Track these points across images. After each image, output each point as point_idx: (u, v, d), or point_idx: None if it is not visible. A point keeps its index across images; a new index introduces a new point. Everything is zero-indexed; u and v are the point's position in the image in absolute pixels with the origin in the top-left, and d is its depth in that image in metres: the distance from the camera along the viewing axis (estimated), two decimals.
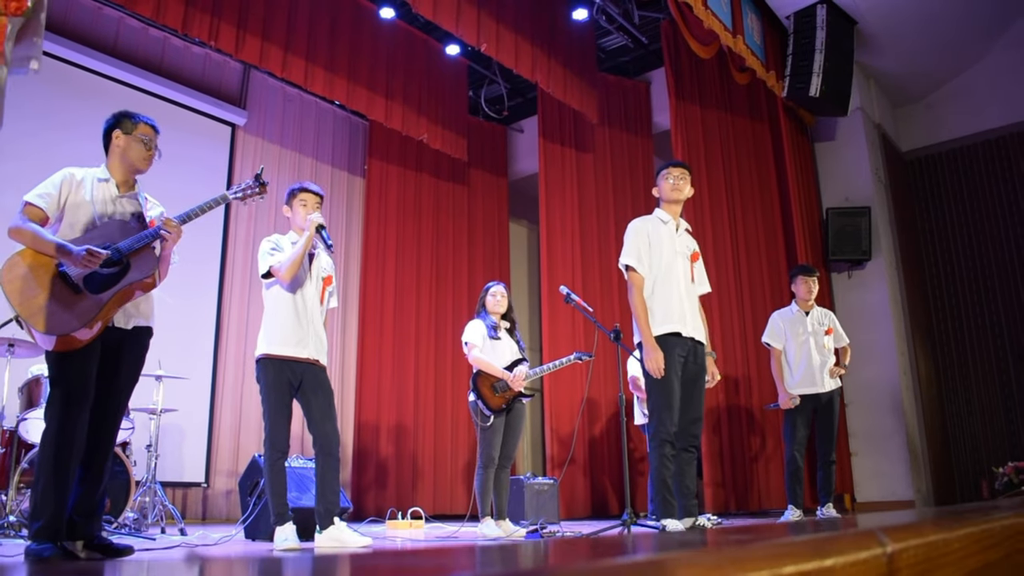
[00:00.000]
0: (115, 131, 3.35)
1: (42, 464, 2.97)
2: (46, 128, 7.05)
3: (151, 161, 3.41)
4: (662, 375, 4.00)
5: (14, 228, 3.05)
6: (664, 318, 4.14)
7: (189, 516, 7.74)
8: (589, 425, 8.86)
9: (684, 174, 4.42)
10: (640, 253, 4.25)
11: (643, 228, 4.33)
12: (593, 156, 9.68)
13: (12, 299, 2.92)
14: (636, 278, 4.22)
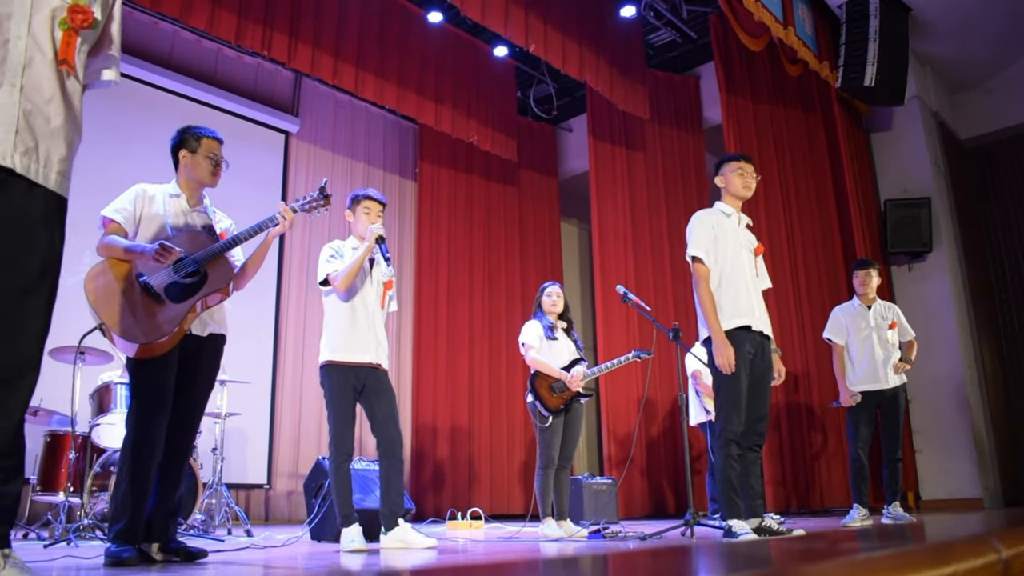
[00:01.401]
0: (182, 150, 3.44)
1: (123, 469, 3.07)
2: (107, 141, 7.23)
3: (219, 175, 3.50)
4: (733, 371, 3.93)
5: (100, 245, 3.18)
6: (733, 312, 4.06)
7: (252, 517, 7.88)
8: (645, 424, 8.82)
9: (755, 172, 4.34)
10: (707, 245, 4.16)
11: (708, 220, 4.24)
12: (643, 153, 9.62)
13: (96, 308, 3.02)
14: (702, 270, 4.13)
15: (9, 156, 1.88)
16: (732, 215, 4.31)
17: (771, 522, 3.93)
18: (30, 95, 1.94)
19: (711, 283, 4.12)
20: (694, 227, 4.24)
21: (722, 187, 4.39)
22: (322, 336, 4.22)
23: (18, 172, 1.90)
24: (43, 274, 1.94)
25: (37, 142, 1.95)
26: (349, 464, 4.05)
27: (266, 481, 8.08)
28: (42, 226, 1.96)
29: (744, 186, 4.30)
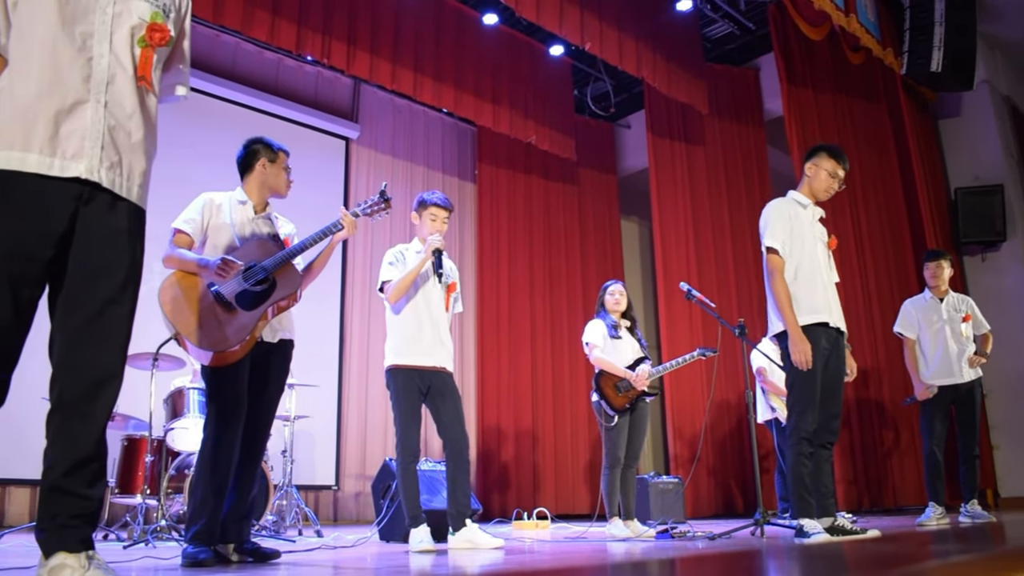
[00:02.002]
0: (260, 159, 3.51)
1: (200, 473, 3.15)
2: (175, 152, 7.41)
3: (290, 187, 3.58)
4: (810, 367, 3.83)
5: (167, 256, 3.27)
6: (810, 307, 3.94)
7: (321, 518, 8.00)
8: (711, 422, 8.72)
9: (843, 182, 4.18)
10: (783, 236, 4.01)
11: (785, 210, 4.08)
12: (704, 148, 9.52)
13: (172, 318, 3.11)
14: (778, 262, 3.99)
15: (96, 171, 1.95)
16: (808, 207, 4.17)
17: (844, 521, 3.84)
18: (113, 111, 2.01)
19: (786, 275, 3.99)
20: (771, 217, 4.08)
21: (808, 176, 4.19)
22: (387, 340, 4.25)
23: (104, 186, 1.97)
24: (126, 285, 2.01)
25: (120, 156, 2.01)
26: (416, 465, 4.08)
27: (334, 482, 8.21)
28: (126, 238, 2.02)
29: (828, 189, 4.15)
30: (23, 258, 1.87)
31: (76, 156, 1.93)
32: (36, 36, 1.95)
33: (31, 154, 1.89)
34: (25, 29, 1.96)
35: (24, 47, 1.95)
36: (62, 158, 1.92)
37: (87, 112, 1.96)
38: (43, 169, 1.90)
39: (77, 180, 1.93)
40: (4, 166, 1.88)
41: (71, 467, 1.88)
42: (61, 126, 1.92)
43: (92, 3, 2.02)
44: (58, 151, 1.91)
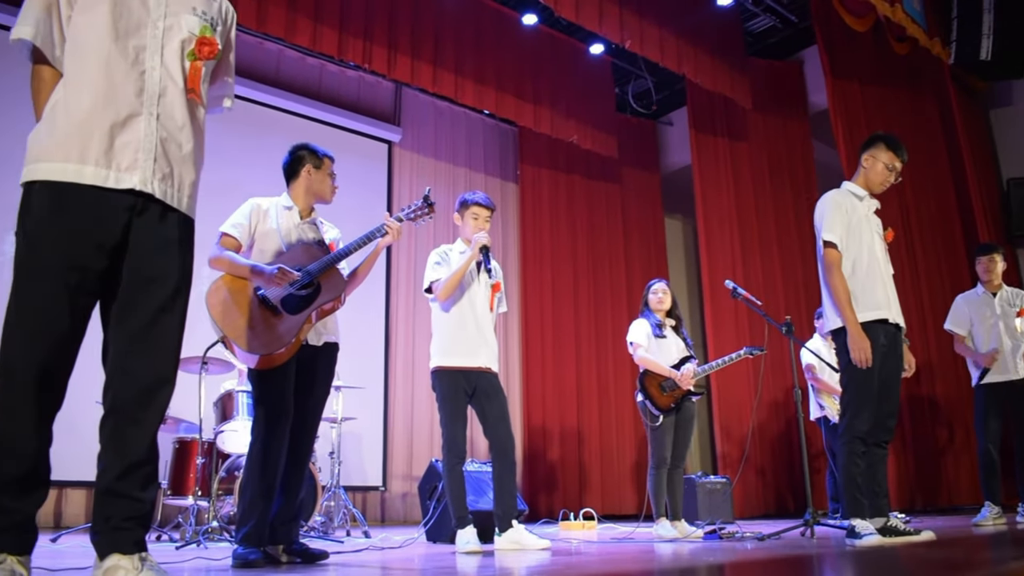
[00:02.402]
0: (306, 165, 3.57)
1: (249, 476, 3.21)
2: (222, 160, 7.53)
3: (335, 192, 3.63)
4: (869, 365, 3.74)
5: (213, 258, 3.32)
6: (869, 303, 3.85)
7: (369, 518, 8.08)
8: (760, 421, 8.62)
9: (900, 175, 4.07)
10: (841, 230, 3.91)
11: (843, 202, 3.97)
12: (747, 144, 9.41)
13: (218, 321, 3.17)
14: (835, 256, 3.88)
15: (149, 182, 2.00)
16: (864, 199, 4.05)
17: (896, 522, 3.77)
18: (165, 123, 2.06)
19: (843, 270, 3.89)
20: (828, 209, 3.96)
21: (865, 167, 4.06)
22: (432, 341, 4.27)
23: (157, 197, 2.02)
24: (177, 293, 2.05)
25: (172, 168, 2.06)
26: (462, 466, 4.09)
27: (381, 483, 8.28)
28: (176, 248, 2.07)
29: (884, 181, 4.03)
30: (80, 268, 1.93)
31: (130, 168, 1.98)
32: (91, 50, 1.99)
33: (87, 166, 1.94)
34: (80, 43, 2.01)
35: (79, 61, 2.00)
36: (117, 170, 1.97)
37: (140, 125, 2.01)
38: (99, 181, 1.95)
39: (131, 191, 1.98)
40: (61, 178, 1.93)
41: (124, 471, 1.93)
42: (116, 139, 1.97)
43: (144, 17, 2.07)
44: (113, 163, 1.97)
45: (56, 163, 1.94)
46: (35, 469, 1.89)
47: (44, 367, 1.89)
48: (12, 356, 1.88)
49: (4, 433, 1.86)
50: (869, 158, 4.06)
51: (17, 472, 1.85)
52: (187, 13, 2.15)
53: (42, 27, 2.02)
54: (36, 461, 1.89)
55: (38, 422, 1.89)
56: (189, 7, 2.17)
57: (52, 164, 1.94)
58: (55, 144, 1.95)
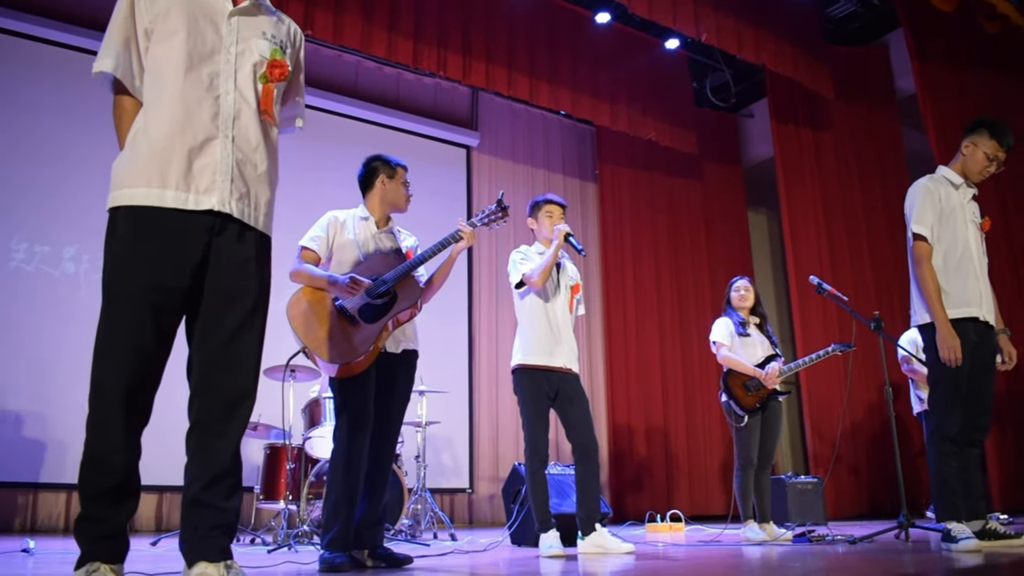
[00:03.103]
0: (380, 176, 3.64)
1: (332, 482, 3.28)
2: (304, 174, 7.73)
3: (410, 201, 3.68)
4: (959, 364, 3.58)
5: (293, 271, 3.43)
6: (959, 299, 3.68)
7: (457, 520, 8.17)
8: (853, 419, 8.36)
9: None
10: (932, 220, 3.73)
11: (935, 190, 3.78)
12: (831, 133, 9.16)
13: (299, 332, 3.27)
14: (925, 249, 3.71)
15: (227, 202, 2.08)
16: (960, 185, 3.84)
17: (996, 524, 3.61)
18: (240, 145, 2.13)
19: (934, 263, 3.72)
20: (918, 198, 3.78)
21: (964, 154, 3.85)
22: (515, 341, 4.28)
23: (234, 216, 2.09)
24: (256, 309, 2.13)
25: (248, 188, 2.14)
26: (544, 470, 4.09)
27: (468, 485, 8.35)
28: (254, 265, 2.14)
29: (984, 171, 3.82)
30: (163, 288, 2.01)
31: (208, 190, 2.06)
32: (167, 79, 2.08)
33: (168, 190, 2.02)
34: (158, 73, 2.10)
35: (157, 90, 2.09)
36: (196, 192, 2.05)
37: (217, 147, 2.09)
38: (179, 204, 2.03)
39: (210, 212, 2.06)
40: (143, 202, 2.02)
41: (209, 481, 2.00)
42: (194, 162, 2.05)
43: (217, 44, 2.15)
44: (192, 186, 2.04)
45: (139, 188, 2.02)
46: (126, 481, 1.98)
47: (132, 384, 1.97)
48: (102, 375, 1.97)
49: (97, 448, 1.95)
50: (969, 144, 3.85)
51: (109, 484, 1.94)
52: (258, 37, 2.22)
53: (122, 59, 2.13)
54: (127, 474, 1.98)
55: (128, 436, 1.97)
56: (259, 31, 2.24)
57: (135, 190, 2.03)
58: (137, 170, 2.04)
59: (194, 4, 2.15)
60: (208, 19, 2.15)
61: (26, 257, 6.52)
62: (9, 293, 6.38)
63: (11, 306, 6.35)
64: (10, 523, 6.09)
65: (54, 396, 6.22)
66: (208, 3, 2.18)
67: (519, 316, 4.30)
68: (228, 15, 2.19)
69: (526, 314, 4.25)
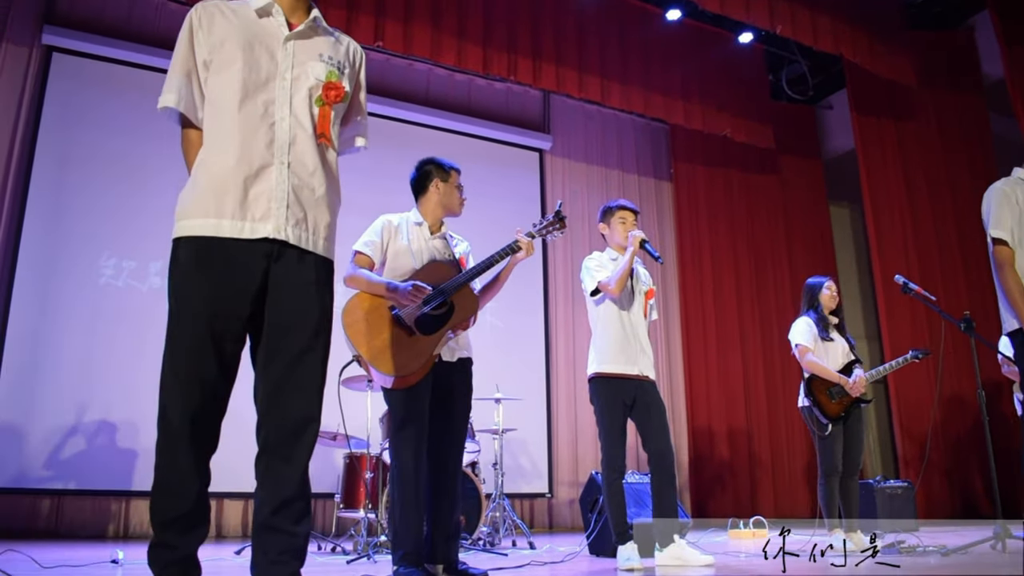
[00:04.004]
0: (435, 179, 3.61)
1: (394, 497, 3.26)
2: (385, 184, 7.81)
3: (464, 204, 3.65)
4: None
5: (349, 276, 3.40)
6: None
7: (537, 525, 8.15)
8: (947, 421, 8.04)
9: None
10: (1011, 223, 3.57)
11: (1011, 193, 3.61)
12: (915, 123, 8.82)
13: (355, 341, 3.22)
14: (1005, 253, 3.55)
15: (283, 229, 2.09)
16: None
17: None
18: (296, 170, 2.14)
19: (1017, 267, 3.55)
20: (994, 201, 3.63)
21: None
22: (590, 349, 4.24)
23: (291, 243, 2.10)
24: (318, 333, 2.13)
25: (306, 213, 2.15)
26: (622, 481, 4.03)
27: (547, 490, 8.32)
28: (314, 289, 2.15)
29: None
30: (224, 317, 2.04)
31: (264, 217, 2.08)
32: (224, 110, 2.11)
33: (224, 220, 2.06)
34: (215, 104, 2.13)
35: (215, 121, 2.13)
36: (251, 220, 2.07)
37: (272, 175, 2.10)
38: (235, 233, 2.06)
39: (266, 240, 2.07)
40: (202, 233, 2.06)
41: (278, 507, 2.02)
42: (249, 191, 2.08)
43: (273, 71, 2.17)
44: (248, 215, 2.07)
45: (197, 219, 2.06)
46: (196, 508, 2.02)
47: (198, 412, 2.01)
48: (169, 404, 2.01)
49: (166, 476, 1.99)
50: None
51: (180, 511, 1.98)
52: (314, 60, 2.22)
53: (184, 92, 2.16)
54: (197, 501, 2.01)
55: (196, 464, 2.01)
56: (316, 54, 2.24)
57: (194, 221, 2.07)
58: (195, 202, 2.08)
59: (249, 32, 2.17)
60: (264, 46, 2.17)
61: (115, 273, 6.79)
62: (100, 307, 6.64)
63: (102, 320, 6.61)
64: (104, 530, 6.33)
65: (145, 406, 6.38)
66: (264, 29, 2.20)
67: (594, 323, 4.24)
68: (284, 40, 2.20)
69: (601, 321, 4.20)
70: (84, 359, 6.48)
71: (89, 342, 6.53)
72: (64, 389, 6.37)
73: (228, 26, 2.16)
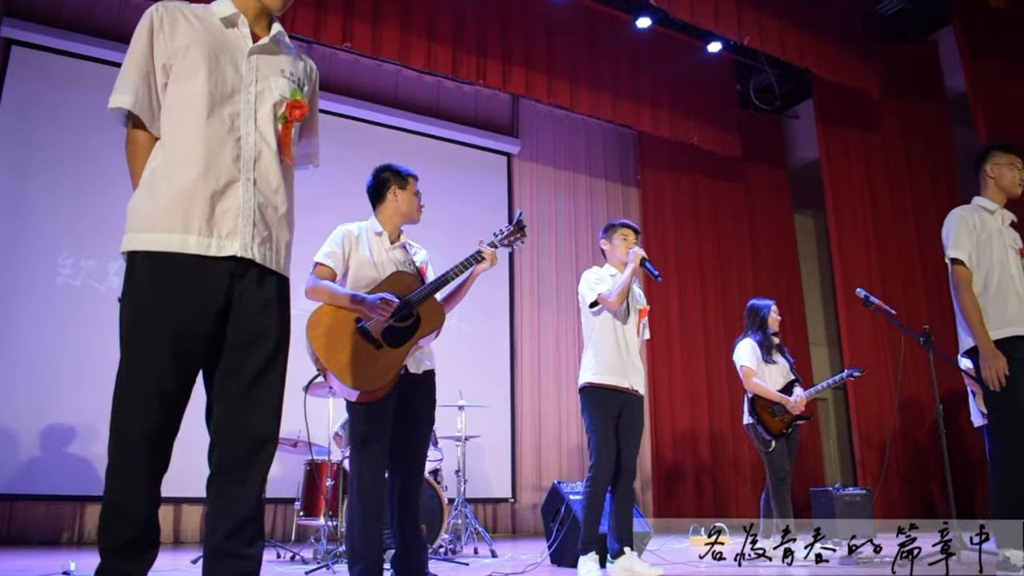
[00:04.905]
0: (392, 187, 3.54)
1: (355, 511, 3.19)
2: (342, 182, 7.75)
3: (422, 211, 3.60)
4: (1004, 385, 3.51)
5: (311, 288, 3.29)
6: (1003, 320, 3.63)
7: (500, 530, 8.14)
8: (907, 429, 8.15)
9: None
10: (969, 246, 3.76)
11: (970, 218, 3.82)
12: (880, 135, 8.94)
13: (320, 354, 3.13)
14: (964, 273, 3.73)
15: (249, 247, 2.03)
16: (996, 211, 3.86)
17: None
18: (261, 187, 2.09)
19: (974, 287, 3.72)
20: (954, 226, 3.83)
21: (991, 178, 3.90)
22: (584, 359, 4.26)
23: (256, 262, 2.05)
24: (277, 351, 2.08)
25: (270, 231, 2.09)
26: (606, 492, 4.04)
27: (511, 495, 8.31)
28: (275, 307, 2.09)
29: (1017, 181, 3.84)
30: (187, 336, 1.97)
31: (231, 235, 2.02)
32: (189, 120, 2.04)
33: (191, 236, 1.98)
34: (179, 112, 2.06)
35: (177, 130, 2.05)
36: (218, 237, 2.01)
37: (239, 191, 2.04)
38: (202, 250, 1.99)
39: (232, 257, 2.02)
40: (165, 248, 1.98)
41: (231, 530, 1.97)
42: (216, 206, 2.01)
43: (238, 83, 2.11)
44: (214, 231, 2.00)
45: (160, 233, 1.98)
46: (147, 532, 1.95)
47: (154, 433, 1.94)
48: (125, 427, 1.94)
49: (118, 497, 1.92)
50: (992, 167, 3.90)
51: (130, 536, 1.91)
52: (277, 76, 2.17)
53: (140, 94, 2.06)
54: (147, 524, 1.95)
55: (148, 486, 1.94)
56: (278, 69, 2.19)
57: (156, 235, 1.98)
58: (158, 214, 1.99)
59: (215, 41, 2.10)
60: (228, 57, 2.11)
61: (73, 272, 6.66)
62: (57, 308, 6.51)
63: (59, 320, 6.48)
64: (58, 536, 6.21)
65: (102, 408, 6.25)
66: (229, 40, 2.13)
67: (589, 335, 4.29)
68: (248, 53, 2.14)
69: (597, 333, 4.24)
70: (39, 360, 6.35)
71: (45, 343, 6.40)
72: (19, 390, 6.24)
73: (193, 32, 2.09)
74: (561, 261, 9.19)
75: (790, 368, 5.45)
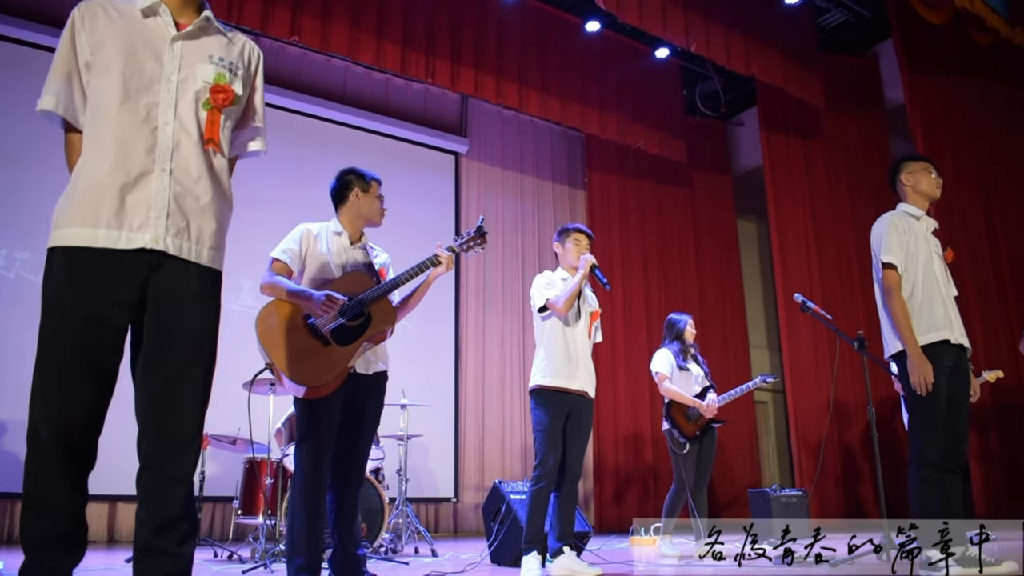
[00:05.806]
0: (354, 189, 3.53)
1: (295, 508, 3.17)
2: (294, 179, 7.69)
3: (384, 215, 3.59)
4: (930, 391, 3.59)
5: (265, 283, 3.29)
6: (929, 324, 3.70)
7: (442, 530, 8.13)
8: (842, 431, 8.34)
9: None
10: (899, 251, 3.79)
11: (899, 223, 3.86)
12: (822, 143, 9.14)
13: (268, 348, 3.13)
14: (894, 278, 3.77)
15: (162, 239, 1.99)
16: (921, 218, 3.93)
17: (975, 551, 3.57)
18: (179, 177, 2.04)
19: (902, 293, 3.78)
20: (885, 231, 3.86)
21: (908, 186, 3.96)
22: (535, 362, 4.28)
23: (171, 254, 2.01)
24: (200, 346, 2.04)
25: (188, 222, 2.04)
26: (551, 491, 4.06)
27: (453, 495, 8.30)
28: (198, 301, 2.05)
29: (935, 186, 3.93)
30: (100, 328, 1.94)
31: (141, 227, 1.97)
32: (103, 114, 2.00)
33: (100, 229, 1.95)
34: (95, 108, 2.02)
35: (94, 125, 2.01)
36: (128, 230, 1.96)
37: (152, 182, 2.00)
38: (110, 243, 1.95)
39: (144, 250, 1.98)
40: (77, 243, 1.95)
41: (160, 527, 1.92)
42: (126, 199, 1.97)
43: (157, 73, 2.06)
44: (124, 224, 1.96)
45: (72, 228, 1.95)
46: (72, 529, 1.90)
47: (71, 430, 1.90)
48: (40, 421, 1.89)
49: (36, 493, 1.88)
50: (907, 176, 3.96)
51: (53, 531, 1.87)
52: (202, 62, 2.12)
53: (63, 96, 2.04)
54: (72, 521, 1.91)
55: (69, 483, 1.90)
56: (205, 55, 2.14)
57: (68, 230, 1.95)
58: (71, 210, 1.97)
59: (133, 32, 2.06)
60: (148, 47, 2.06)
61: (6, 264, 6.48)
62: None
63: None
64: None
65: None
66: (149, 29, 2.08)
67: (540, 338, 4.32)
68: (171, 40, 2.09)
69: (546, 337, 4.27)
70: None
71: None
72: None
73: (110, 26, 2.05)
74: (507, 262, 9.20)
75: (705, 375, 5.67)
